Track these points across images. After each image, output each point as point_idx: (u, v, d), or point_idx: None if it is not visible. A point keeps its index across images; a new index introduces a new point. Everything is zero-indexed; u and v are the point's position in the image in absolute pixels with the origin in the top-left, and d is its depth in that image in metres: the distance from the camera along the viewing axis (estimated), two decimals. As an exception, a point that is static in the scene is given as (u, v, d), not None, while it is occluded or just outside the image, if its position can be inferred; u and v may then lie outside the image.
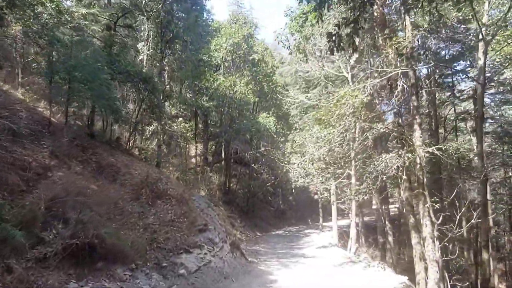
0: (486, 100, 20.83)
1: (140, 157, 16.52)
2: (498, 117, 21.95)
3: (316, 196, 40.99)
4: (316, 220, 36.60)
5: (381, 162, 10.43)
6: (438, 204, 9.85)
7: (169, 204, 10.97)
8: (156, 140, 16.79)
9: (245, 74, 22.70)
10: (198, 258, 9.55)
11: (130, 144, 15.80)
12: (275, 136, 22.01)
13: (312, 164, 15.01)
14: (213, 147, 25.63)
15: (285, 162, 22.74)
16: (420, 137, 9.95)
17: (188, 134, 19.49)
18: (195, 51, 22.07)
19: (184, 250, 9.40)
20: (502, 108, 21.86)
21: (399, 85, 10.34)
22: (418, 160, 9.71)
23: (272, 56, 29.02)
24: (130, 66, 13.01)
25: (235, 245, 12.88)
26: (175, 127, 18.94)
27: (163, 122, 16.50)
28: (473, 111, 20.26)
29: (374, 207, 34.94)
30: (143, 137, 17.73)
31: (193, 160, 26.99)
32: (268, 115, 22.56)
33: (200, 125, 26.86)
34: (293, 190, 38.58)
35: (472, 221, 11.75)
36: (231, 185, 27.47)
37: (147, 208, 10.20)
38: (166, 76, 18.49)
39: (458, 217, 9.71)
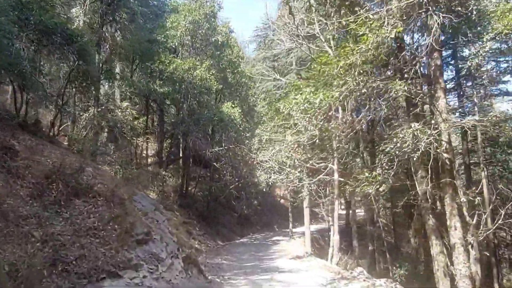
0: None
1: (71, 149, 12.84)
2: None
3: (282, 200, 38.48)
4: (282, 226, 33.94)
5: (400, 139, 7.75)
6: (477, 198, 7.41)
7: (93, 205, 7.60)
8: (92, 126, 13.18)
9: (207, 56, 19.62)
10: (131, 285, 6.29)
11: (55, 131, 12.10)
12: (240, 128, 19.03)
13: (289, 156, 12.21)
14: (169, 142, 22.09)
15: (252, 159, 19.88)
16: (447, 107, 7.54)
17: (136, 123, 15.95)
18: (148, 31, 18.71)
19: (109, 273, 6.11)
20: None
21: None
22: (444, 137, 7.25)
23: (238, 46, 26.19)
24: (48, 18, 9.48)
25: (190, 260, 9.67)
26: (120, 114, 15.37)
27: (101, 104, 12.93)
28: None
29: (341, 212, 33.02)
30: (76, 125, 14.01)
31: (150, 158, 23.35)
32: (234, 105, 19.57)
33: (155, 118, 23.28)
34: (258, 195, 35.85)
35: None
36: (190, 188, 24.05)
37: (55, 210, 6.80)
38: (108, 50, 14.91)
39: (501, 217, 7.33)
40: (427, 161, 7.84)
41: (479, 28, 10.01)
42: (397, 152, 7.56)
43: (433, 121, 7.85)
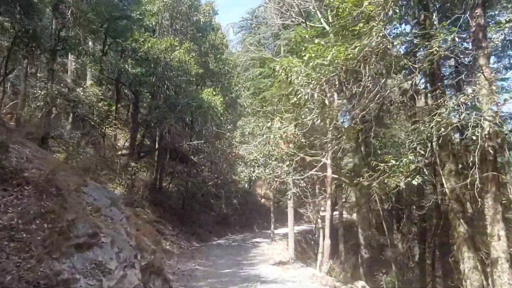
0: None
1: (21, 132, 10.66)
2: None
3: (263, 200, 36.78)
4: (262, 227, 32.24)
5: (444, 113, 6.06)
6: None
7: (16, 196, 5.61)
8: (45, 105, 11.02)
9: (188, 38, 17.66)
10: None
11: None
12: (222, 118, 17.14)
13: (277, 146, 10.47)
14: (143, 132, 19.94)
15: (233, 153, 18.15)
16: (491, 78, 5.95)
17: (101, 106, 13.79)
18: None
19: (20, 295, 4.17)
20: None
21: None
22: (488, 118, 5.64)
23: (222, 34, 24.28)
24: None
25: (154, 268, 7.77)
26: (81, 93, 13.21)
27: (59, 81, 10.82)
28: None
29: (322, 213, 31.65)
30: (27, 103, 11.80)
31: (125, 151, 21.13)
32: (215, 93, 17.67)
33: (130, 108, 21.06)
34: (238, 193, 33.98)
35: None
36: (164, 183, 21.98)
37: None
38: (70, 18, 12.73)
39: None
40: (458, 151, 6.35)
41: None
42: (435, 130, 5.88)
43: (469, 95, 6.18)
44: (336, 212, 24.30)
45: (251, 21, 27.27)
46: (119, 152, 17.43)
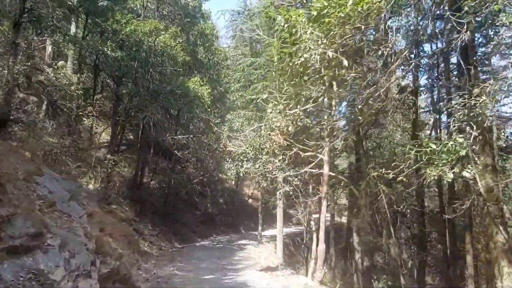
0: None
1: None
2: None
3: (250, 200, 35.57)
4: (249, 228, 31.03)
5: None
6: None
7: None
8: (5, 83, 9.59)
9: (175, 24, 16.37)
10: None
11: None
12: (209, 110, 15.85)
13: (269, 139, 9.29)
14: (123, 123, 18.49)
15: (221, 148, 16.95)
16: None
17: (74, 89, 12.34)
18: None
19: None
20: None
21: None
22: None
23: (212, 24, 23.00)
24: None
25: (118, 276, 6.46)
26: (51, 74, 11.78)
27: (17, 54, 9.45)
28: None
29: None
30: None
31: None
32: (203, 83, 16.41)
33: (110, 98, 19.57)
34: (225, 192, 32.69)
35: None
36: (145, 179, 20.57)
37: None
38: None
39: None
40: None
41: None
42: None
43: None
44: (327, 215, 23.30)
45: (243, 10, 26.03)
46: (94, 144, 15.95)
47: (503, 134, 13.30)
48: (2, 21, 9.35)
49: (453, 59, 13.50)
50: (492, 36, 10.30)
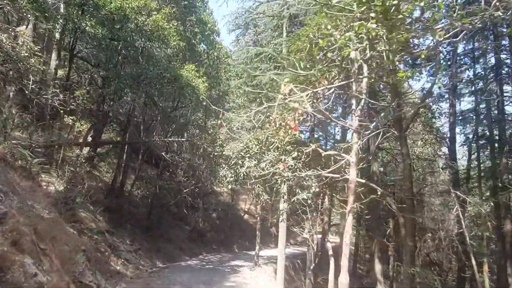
0: None
1: None
2: None
3: (246, 216, 32.70)
4: (243, 247, 28.10)
5: None
6: None
7: None
8: None
9: (168, 5, 14.13)
10: None
11: None
12: (204, 102, 13.36)
13: (279, 129, 6.82)
14: (101, 116, 15.92)
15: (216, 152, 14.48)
16: None
17: (34, 62, 9.83)
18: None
19: None
20: None
21: None
22: None
23: (213, 19, 20.86)
24: None
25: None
26: (5, 41, 9.30)
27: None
28: None
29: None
30: None
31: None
32: (199, 75, 14.03)
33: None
34: (218, 206, 29.86)
35: None
36: (125, 186, 17.86)
37: None
38: None
39: None
40: None
41: None
42: None
43: None
44: (318, 236, 20.62)
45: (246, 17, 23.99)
46: (69, 140, 13.34)
47: None
48: None
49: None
50: None
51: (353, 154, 7.70)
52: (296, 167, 7.14)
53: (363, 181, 7.91)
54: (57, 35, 13.83)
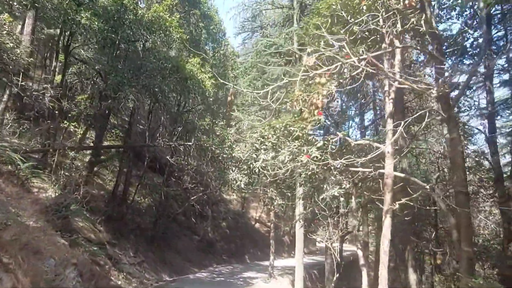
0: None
1: None
2: None
3: (257, 225, 31.26)
4: (256, 257, 26.65)
5: None
6: None
7: None
8: None
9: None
10: None
11: None
12: (210, 99, 12.20)
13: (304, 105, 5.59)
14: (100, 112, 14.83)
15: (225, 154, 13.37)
16: None
17: (20, 53, 8.79)
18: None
19: None
20: None
21: None
22: None
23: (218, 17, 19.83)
24: None
25: None
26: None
27: None
28: None
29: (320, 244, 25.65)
30: None
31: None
32: (204, 70, 12.92)
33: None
34: (228, 214, 28.52)
35: None
36: (129, 194, 16.69)
37: None
38: None
39: None
40: None
41: None
42: None
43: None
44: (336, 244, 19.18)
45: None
46: (64, 145, 12.26)
47: None
48: None
49: None
50: None
51: (389, 144, 6.42)
52: (323, 158, 5.87)
53: (402, 175, 6.61)
54: (53, 31, 12.90)
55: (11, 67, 8.84)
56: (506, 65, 12.52)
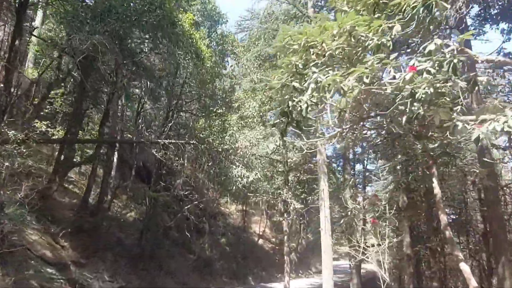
0: None
1: None
2: None
3: (261, 241, 27.71)
4: (260, 278, 23.14)
5: None
6: None
7: None
8: None
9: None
10: None
11: None
12: (208, 65, 9.22)
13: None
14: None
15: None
16: None
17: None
18: None
19: None
20: None
21: None
22: None
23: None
24: None
25: None
26: None
27: None
28: None
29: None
30: None
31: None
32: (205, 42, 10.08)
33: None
34: (227, 230, 25.11)
35: None
36: (106, 201, 13.49)
37: None
38: None
39: None
40: None
41: None
42: None
43: None
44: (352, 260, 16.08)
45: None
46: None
47: None
48: None
49: None
50: None
51: None
52: (440, 74, 2.96)
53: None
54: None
55: None
56: None
